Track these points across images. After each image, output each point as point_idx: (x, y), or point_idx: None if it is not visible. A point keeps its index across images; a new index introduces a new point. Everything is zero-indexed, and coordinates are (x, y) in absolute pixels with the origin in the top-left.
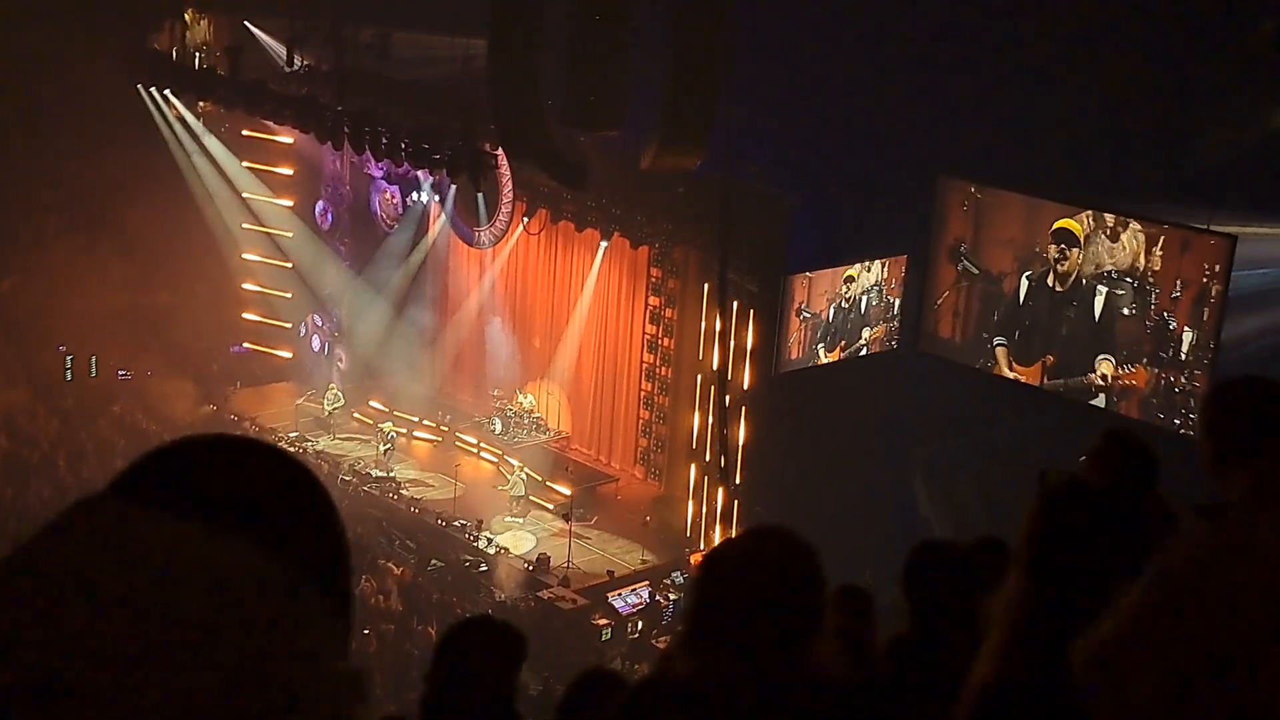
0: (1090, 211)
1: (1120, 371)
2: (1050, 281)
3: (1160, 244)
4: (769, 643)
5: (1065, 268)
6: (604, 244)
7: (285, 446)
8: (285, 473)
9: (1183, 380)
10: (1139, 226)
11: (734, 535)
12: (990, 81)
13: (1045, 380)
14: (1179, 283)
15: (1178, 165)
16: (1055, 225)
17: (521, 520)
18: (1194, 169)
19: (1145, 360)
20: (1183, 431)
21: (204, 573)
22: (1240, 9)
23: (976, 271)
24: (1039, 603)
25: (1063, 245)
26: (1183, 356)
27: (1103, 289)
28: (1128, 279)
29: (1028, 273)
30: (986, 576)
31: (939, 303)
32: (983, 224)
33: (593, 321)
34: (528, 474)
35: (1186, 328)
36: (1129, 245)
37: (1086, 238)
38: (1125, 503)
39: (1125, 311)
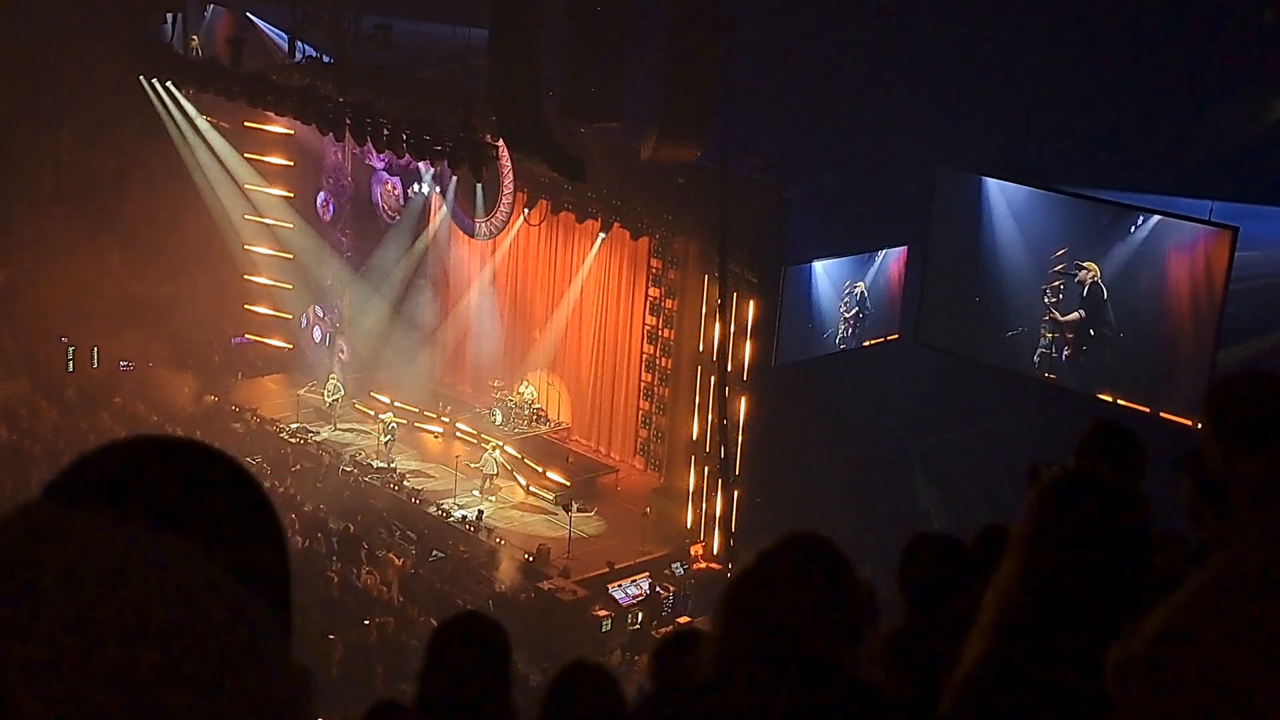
0: None
1: None
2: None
3: None
4: (810, 655)
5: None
6: (602, 235)
7: (219, 447)
8: (227, 476)
9: None
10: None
11: (768, 548)
12: (990, 71)
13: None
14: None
15: (1179, 156)
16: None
17: (492, 499)
18: (1195, 160)
19: None
20: None
21: (148, 574)
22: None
23: None
24: (1033, 586)
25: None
26: None
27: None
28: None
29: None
30: (987, 568)
31: None
32: None
33: (593, 312)
34: (500, 453)
35: None
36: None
37: None
38: (1127, 495)
39: None
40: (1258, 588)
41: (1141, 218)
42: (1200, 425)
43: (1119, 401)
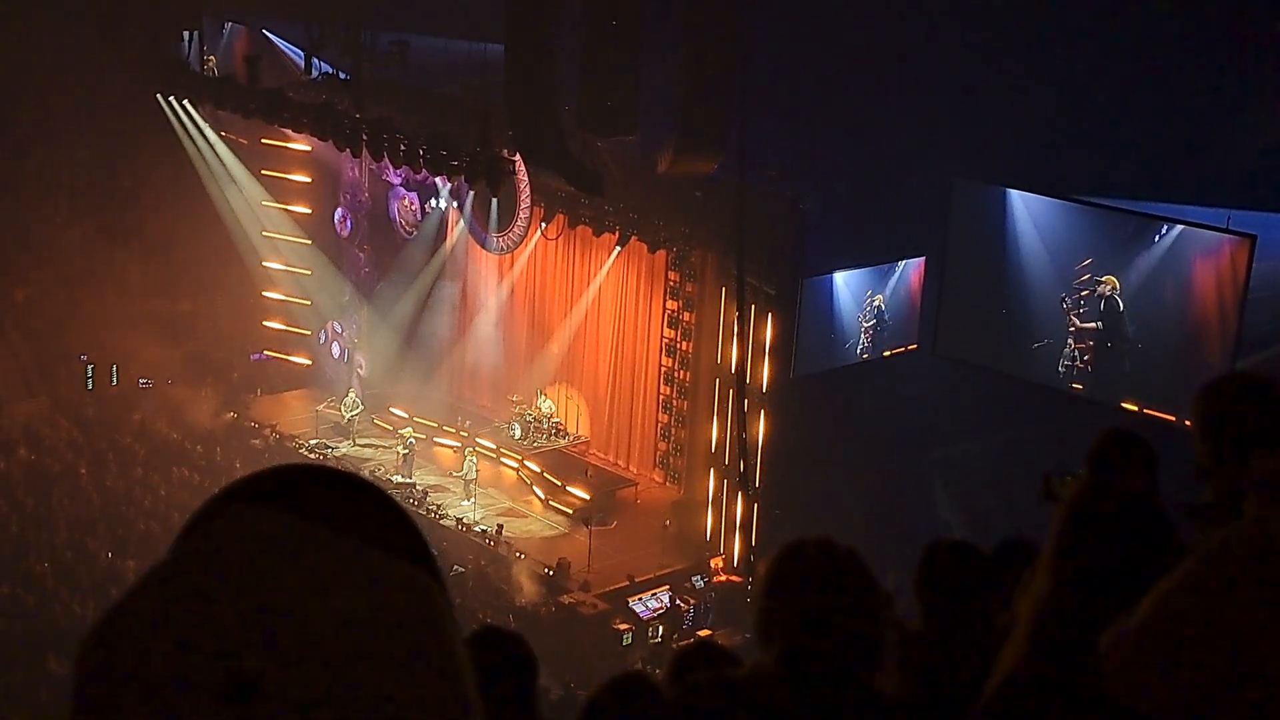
0: None
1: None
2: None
3: None
4: (825, 656)
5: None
6: (619, 248)
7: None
8: (357, 486)
9: None
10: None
11: (792, 553)
12: (1007, 82)
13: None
14: None
15: (1196, 165)
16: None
17: (471, 503)
18: (1213, 169)
19: None
20: None
21: (358, 573)
22: (1261, 7)
23: None
24: (1064, 605)
25: (1090, 260)
26: None
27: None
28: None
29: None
30: (1007, 577)
31: None
32: None
33: (611, 326)
34: (478, 458)
35: None
36: (1185, 266)
37: None
38: (1150, 507)
39: None
40: (1243, 570)
41: (1165, 227)
42: (1192, 423)
43: (1145, 411)
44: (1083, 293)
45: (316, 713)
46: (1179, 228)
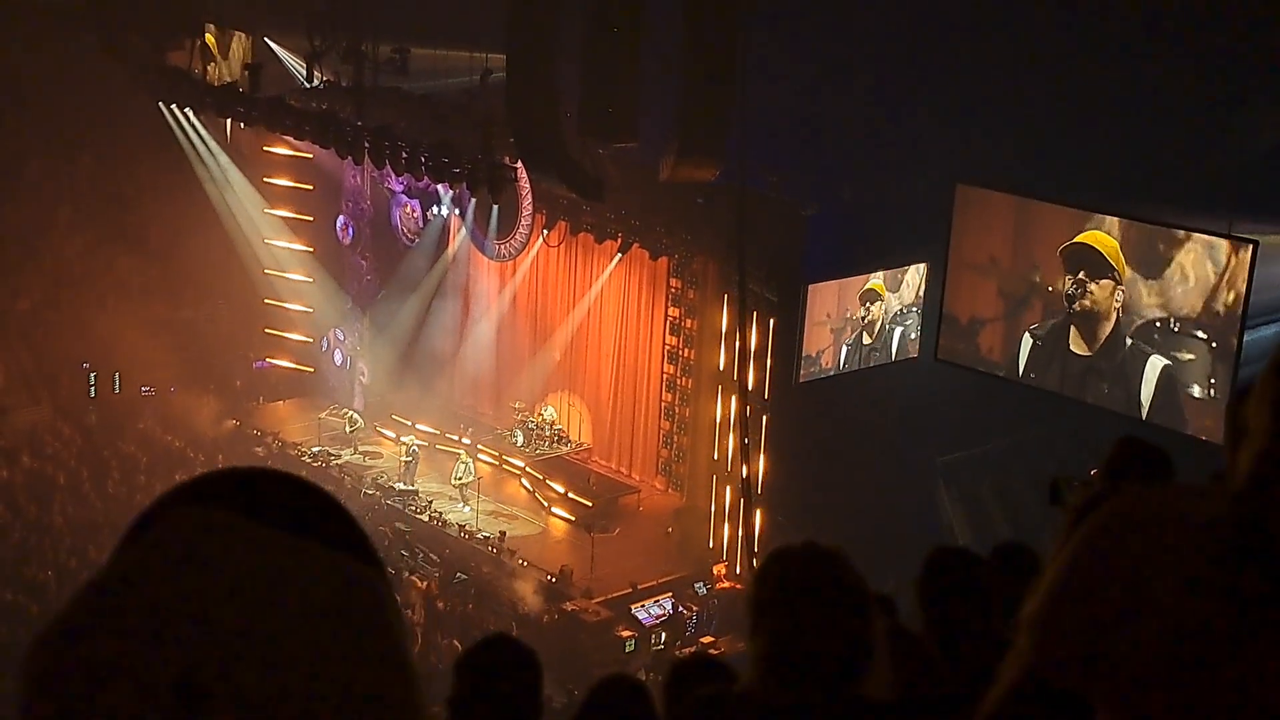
0: (1118, 220)
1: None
2: (1071, 337)
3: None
4: (833, 668)
5: (1088, 305)
6: (619, 255)
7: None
8: (300, 486)
9: None
10: (1219, 243)
11: (781, 559)
12: (1009, 87)
13: None
14: None
15: (1198, 170)
16: (1073, 240)
17: (468, 507)
18: (1214, 175)
19: None
20: None
21: (301, 569)
22: (1261, 10)
23: None
24: None
25: (1082, 274)
26: None
27: (1157, 359)
28: (1198, 333)
29: (1033, 325)
30: (1007, 582)
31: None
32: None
33: (613, 333)
34: (474, 461)
35: None
36: (1194, 272)
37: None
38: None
39: (1196, 392)
40: (1127, 537)
41: (1165, 231)
42: (1224, 435)
43: (1148, 418)
44: (1077, 305)
45: (268, 712)
46: (1178, 234)
